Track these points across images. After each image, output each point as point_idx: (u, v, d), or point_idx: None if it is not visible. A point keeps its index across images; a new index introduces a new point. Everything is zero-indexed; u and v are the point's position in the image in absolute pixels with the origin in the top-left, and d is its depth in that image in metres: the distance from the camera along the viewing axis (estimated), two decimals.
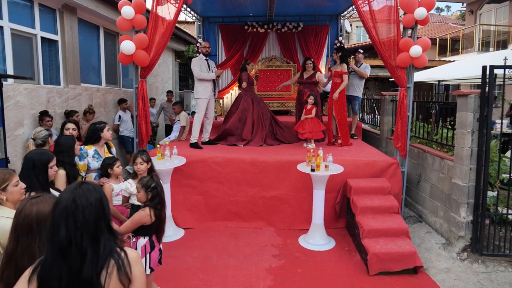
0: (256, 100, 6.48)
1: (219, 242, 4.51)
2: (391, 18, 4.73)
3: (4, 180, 2.06)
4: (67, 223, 1.30)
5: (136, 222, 2.69)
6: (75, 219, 1.31)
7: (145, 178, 2.81)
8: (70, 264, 1.29)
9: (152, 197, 2.71)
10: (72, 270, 1.29)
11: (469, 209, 4.13)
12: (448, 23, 21.83)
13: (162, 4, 4.99)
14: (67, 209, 1.31)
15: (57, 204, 1.34)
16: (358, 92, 6.96)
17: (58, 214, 1.32)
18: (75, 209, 1.32)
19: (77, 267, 1.29)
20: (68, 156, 3.19)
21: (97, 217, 1.36)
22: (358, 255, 4.18)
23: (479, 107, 4.02)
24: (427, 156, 5.07)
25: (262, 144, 6.15)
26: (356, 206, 4.38)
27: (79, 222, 1.31)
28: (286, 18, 8.61)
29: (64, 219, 1.31)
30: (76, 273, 1.29)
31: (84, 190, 1.37)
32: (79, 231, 1.31)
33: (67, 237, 1.29)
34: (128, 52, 4.77)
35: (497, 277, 3.69)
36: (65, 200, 1.33)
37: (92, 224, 1.34)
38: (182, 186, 5.05)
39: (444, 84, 11.62)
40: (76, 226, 1.31)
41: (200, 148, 5.69)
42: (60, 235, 1.29)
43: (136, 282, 1.40)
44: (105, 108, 7.36)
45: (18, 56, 5.19)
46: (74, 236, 1.30)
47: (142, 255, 2.76)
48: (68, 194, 1.35)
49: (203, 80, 5.78)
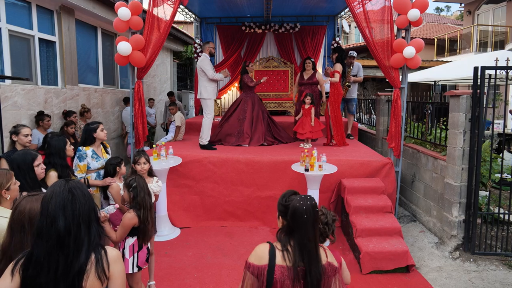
0: (256, 102, 6.48)
1: (214, 241, 4.55)
2: (385, 19, 4.77)
3: (8, 179, 2.14)
4: (65, 213, 1.36)
5: (126, 227, 2.70)
6: (73, 209, 1.38)
7: (129, 178, 2.83)
8: (67, 253, 1.34)
9: (133, 197, 2.72)
10: (68, 259, 1.34)
11: (461, 208, 4.17)
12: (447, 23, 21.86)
13: (158, 5, 5.03)
14: (64, 200, 1.38)
15: (51, 197, 1.38)
16: (353, 94, 7.11)
17: (54, 205, 1.37)
18: (72, 198, 1.39)
19: (73, 256, 1.35)
20: (59, 157, 3.19)
21: (90, 207, 1.44)
22: (352, 254, 4.23)
23: (471, 108, 4.07)
24: (421, 156, 5.11)
25: (263, 143, 6.16)
26: (350, 206, 4.43)
27: (77, 211, 1.38)
28: (283, 19, 8.66)
29: (61, 209, 1.36)
30: (71, 262, 1.35)
31: (76, 183, 1.45)
32: (76, 220, 1.37)
33: (65, 226, 1.35)
34: (125, 53, 4.81)
35: (488, 276, 3.74)
36: (61, 192, 1.39)
37: (86, 214, 1.41)
38: (178, 186, 5.10)
39: (441, 85, 11.67)
40: (73, 216, 1.37)
41: (214, 149, 5.60)
42: (58, 225, 1.34)
43: (114, 280, 1.44)
44: (103, 109, 7.41)
45: (15, 57, 5.24)
46: (73, 225, 1.37)
47: (130, 254, 2.79)
48: (61, 187, 1.41)
49: (212, 81, 5.66)
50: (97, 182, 3.65)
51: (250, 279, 1.63)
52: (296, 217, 1.64)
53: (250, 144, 6.08)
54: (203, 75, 5.61)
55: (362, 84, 14.89)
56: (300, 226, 1.63)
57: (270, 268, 1.62)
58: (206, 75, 5.57)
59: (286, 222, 1.71)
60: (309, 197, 1.69)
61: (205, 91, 5.64)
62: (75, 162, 3.63)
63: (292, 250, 1.64)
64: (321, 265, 1.64)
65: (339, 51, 6.08)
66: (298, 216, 1.63)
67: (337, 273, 1.70)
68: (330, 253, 1.74)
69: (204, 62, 5.60)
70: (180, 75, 13.03)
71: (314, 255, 1.63)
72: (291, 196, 1.75)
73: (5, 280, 1.35)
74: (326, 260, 1.68)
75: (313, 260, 1.62)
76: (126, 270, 2.81)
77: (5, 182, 2.11)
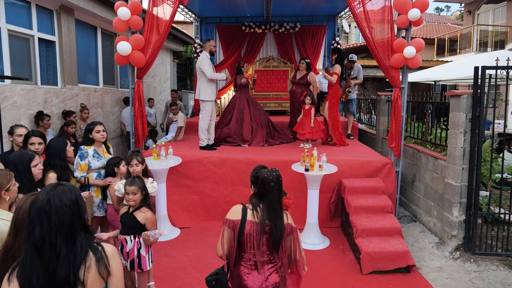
0: (251, 101, 6.49)
1: (214, 241, 4.53)
2: (385, 19, 4.76)
3: (8, 180, 2.13)
4: (41, 223, 1.34)
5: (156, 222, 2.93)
6: (49, 219, 1.34)
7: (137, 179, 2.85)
8: (45, 263, 1.32)
9: (145, 197, 2.75)
10: (48, 269, 1.32)
11: (462, 208, 4.16)
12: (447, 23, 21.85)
13: (158, 5, 5.02)
14: (41, 210, 1.34)
15: (33, 205, 1.37)
16: (353, 94, 7.13)
17: (33, 214, 1.35)
18: (49, 210, 1.34)
19: (53, 265, 1.33)
20: (59, 159, 3.19)
21: (72, 217, 1.39)
22: (352, 254, 4.22)
23: (471, 108, 4.06)
24: (421, 156, 5.10)
25: (264, 144, 6.13)
26: (350, 206, 4.42)
27: (53, 222, 1.34)
28: (283, 19, 8.65)
29: (39, 219, 1.34)
30: (52, 272, 1.33)
31: (60, 192, 1.40)
32: (53, 231, 1.34)
33: (41, 237, 1.33)
34: (124, 53, 4.81)
35: (488, 276, 3.73)
36: (40, 201, 1.36)
37: (66, 224, 1.36)
38: (178, 186, 5.09)
39: (442, 84, 11.66)
40: (50, 226, 1.34)
41: (214, 149, 5.55)
42: (35, 235, 1.33)
43: (114, 275, 1.45)
44: (103, 109, 7.40)
45: (15, 57, 5.22)
46: (48, 236, 1.33)
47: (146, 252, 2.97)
48: (43, 195, 1.38)
49: (211, 82, 5.50)
50: (98, 182, 3.65)
51: (227, 232, 2.04)
52: (264, 185, 2.07)
53: (251, 145, 6.08)
54: (203, 76, 5.44)
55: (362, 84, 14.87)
56: (268, 192, 2.07)
57: (242, 223, 2.05)
58: (206, 76, 5.41)
59: (256, 189, 2.13)
60: (275, 169, 2.14)
61: (204, 92, 5.47)
62: (76, 161, 3.62)
63: (261, 210, 2.08)
64: (284, 223, 2.08)
65: (339, 52, 6.09)
66: (266, 184, 2.07)
67: (294, 232, 2.13)
68: (290, 217, 2.18)
69: (203, 62, 5.40)
70: (180, 75, 13.02)
71: (279, 214, 2.08)
72: (260, 169, 2.16)
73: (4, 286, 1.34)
74: (287, 221, 2.13)
75: (278, 218, 2.06)
76: (144, 267, 2.90)
77: (5, 183, 2.10)
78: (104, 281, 1.42)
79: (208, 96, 5.50)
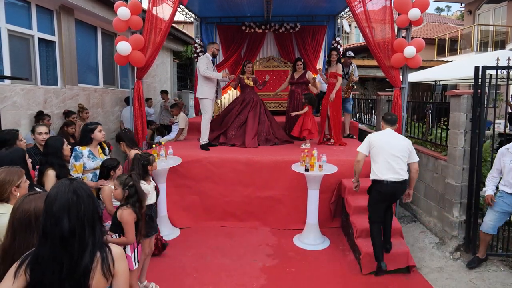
0: (252, 102, 6.47)
1: (214, 241, 4.54)
2: (386, 18, 4.76)
3: (19, 176, 2.14)
4: (70, 215, 1.37)
5: (131, 223, 2.72)
6: (77, 210, 1.38)
7: (123, 176, 2.82)
8: (71, 254, 1.35)
9: (129, 195, 2.73)
10: (73, 260, 1.35)
11: (462, 208, 4.16)
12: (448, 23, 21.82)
13: (158, 5, 5.02)
14: (69, 201, 1.38)
15: (55, 198, 1.38)
16: None
17: (58, 206, 1.37)
18: (77, 200, 1.39)
19: (78, 256, 1.36)
20: (57, 157, 3.20)
21: (94, 208, 1.44)
22: (352, 254, 4.21)
23: (472, 108, 4.05)
24: (421, 156, 5.08)
25: (259, 144, 6.15)
26: (350, 206, 4.41)
27: (81, 212, 1.39)
28: (283, 19, 8.63)
29: (66, 211, 1.37)
30: (75, 264, 1.35)
31: (80, 183, 1.46)
32: (81, 222, 1.38)
33: (70, 228, 1.36)
34: (124, 52, 4.80)
35: (489, 276, 3.72)
36: (66, 193, 1.39)
37: (91, 215, 1.42)
38: (178, 186, 5.08)
39: (442, 84, 11.64)
40: (78, 217, 1.38)
41: (215, 145, 5.80)
42: (62, 226, 1.35)
43: (119, 277, 1.45)
44: (103, 109, 7.39)
45: (15, 57, 5.22)
46: (77, 227, 1.37)
47: (131, 251, 2.85)
48: (66, 187, 1.41)
49: (208, 80, 5.63)
50: (91, 184, 3.50)
51: None
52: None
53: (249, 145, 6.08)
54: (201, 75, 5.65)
55: (362, 84, 14.88)
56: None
57: None
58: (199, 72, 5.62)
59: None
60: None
61: (201, 90, 5.68)
62: (71, 162, 3.59)
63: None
64: None
65: (338, 51, 6.10)
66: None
67: None
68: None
69: (200, 60, 5.67)
70: (180, 75, 13.01)
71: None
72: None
73: (7, 282, 1.34)
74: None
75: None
76: (131, 267, 2.86)
77: (16, 179, 2.11)
78: (107, 282, 1.42)
79: (206, 94, 5.66)
